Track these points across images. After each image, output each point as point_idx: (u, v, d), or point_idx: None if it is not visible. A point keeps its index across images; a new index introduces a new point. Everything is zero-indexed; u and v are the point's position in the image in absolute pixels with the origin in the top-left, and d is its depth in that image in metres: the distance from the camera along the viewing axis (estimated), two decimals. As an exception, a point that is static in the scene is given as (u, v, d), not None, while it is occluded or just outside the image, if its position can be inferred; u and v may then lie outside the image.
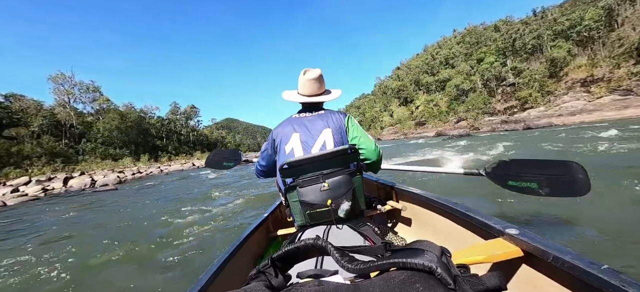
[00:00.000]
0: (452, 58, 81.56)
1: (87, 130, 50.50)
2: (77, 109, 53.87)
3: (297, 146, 1.37)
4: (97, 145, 48.08)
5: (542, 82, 42.72)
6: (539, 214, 3.21)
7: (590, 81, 36.92)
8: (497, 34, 72.70)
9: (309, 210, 1.19)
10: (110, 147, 49.84)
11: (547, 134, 19.40)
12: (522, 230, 0.88)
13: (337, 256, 0.44)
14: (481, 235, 1.09)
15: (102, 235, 4.73)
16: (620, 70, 35.86)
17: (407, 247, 0.42)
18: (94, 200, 10.11)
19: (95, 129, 51.55)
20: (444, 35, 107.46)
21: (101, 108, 59.05)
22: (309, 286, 0.36)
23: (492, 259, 0.86)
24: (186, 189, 10.50)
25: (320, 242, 0.48)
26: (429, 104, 71.63)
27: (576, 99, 35.77)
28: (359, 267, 0.41)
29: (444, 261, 0.37)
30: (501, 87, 53.53)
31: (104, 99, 60.03)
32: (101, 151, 46.80)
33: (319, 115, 1.44)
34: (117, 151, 49.64)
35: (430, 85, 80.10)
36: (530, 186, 1.43)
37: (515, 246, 0.86)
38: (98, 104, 58.99)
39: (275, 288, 0.44)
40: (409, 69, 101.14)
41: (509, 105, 45.25)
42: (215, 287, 1.07)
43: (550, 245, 0.76)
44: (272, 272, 0.47)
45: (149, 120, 71.51)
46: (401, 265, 0.37)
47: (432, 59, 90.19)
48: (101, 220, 6.22)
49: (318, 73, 1.50)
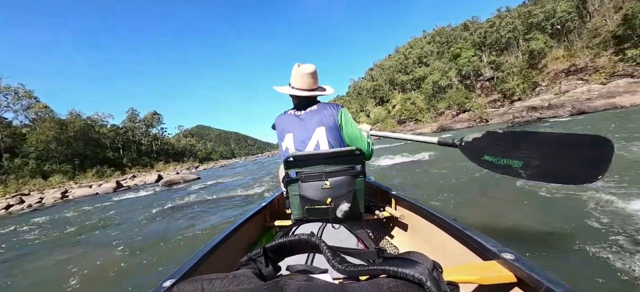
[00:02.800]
0: (425, 57, 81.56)
1: (19, 144, 42.15)
2: (4, 119, 45.09)
3: (290, 146, 1.38)
4: (27, 161, 39.81)
5: (528, 73, 41.83)
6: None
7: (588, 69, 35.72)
8: (467, 32, 73.20)
9: (308, 205, 1.21)
10: (48, 162, 41.88)
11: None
12: (518, 256, 0.85)
13: (328, 255, 0.45)
14: (476, 254, 1.03)
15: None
16: (600, 59, 35.59)
17: (399, 256, 0.42)
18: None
19: (28, 142, 43.16)
20: (415, 36, 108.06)
21: (38, 117, 50.22)
22: (297, 279, 0.37)
23: (484, 281, 0.84)
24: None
25: (313, 239, 0.48)
26: (406, 103, 70.43)
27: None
28: (349, 269, 0.42)
29: (435, 276, 0.37)
30: (479, 82, 52.92)
31: (41, 106, 51.13)
32: (31, 167, 38.65)
33: (312, 112, 1.41)
34: (54, 167, 41.73)
35: (405, 84, 79.33)
36: (510, 163, 1.26)
37: (509, 271, 0.83)
38: (34, 112, 50.16)
39: (264, 277, 0.44)
40: (383, 69, 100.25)
41: (492, 99, 44.13)
42: (204, 269, 1.07)
43: (545, 276, 0.74)
44: (262, 261, 0.48)
45: (99, 129, 62.70)
46: (392, 273, 0.37)
47: (405, 58, 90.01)
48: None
49: (313, 68, 1.48)
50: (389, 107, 79.69)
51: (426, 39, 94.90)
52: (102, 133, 62.90)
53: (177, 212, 6.22)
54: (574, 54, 40.02)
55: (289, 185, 1.29)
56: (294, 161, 1.25)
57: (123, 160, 58.35)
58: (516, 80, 41.75)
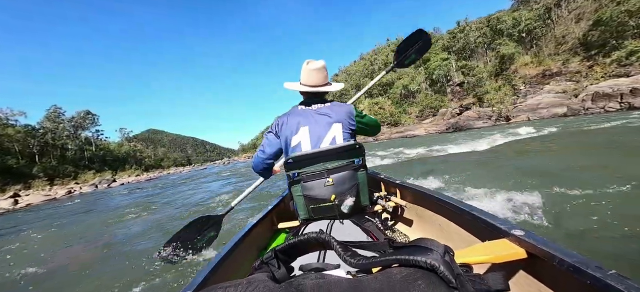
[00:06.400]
0: (391, 63, 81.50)
1: None
2: None
3: (305, 139, 1.33)
4: None
5: (508, 76, 40.90)
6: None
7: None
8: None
9: (313, 204, 1.21)
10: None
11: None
12: (528, 231, 0.85)
13: (339, 250, 0.44)
14: (485, 235, 1.02)
15: None
16: (571, 65, 35.54)
17: (410, 245, 0.42)
18: None
19: None
20: (379, 43, 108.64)
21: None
22: (310, 278, 0.36)
23: (496, 260, 0.84)
24: None
25: (323, 236, 0.48)
26: (374, 107, 68.55)
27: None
28: (361, 262, 0.41)
29: (447, 260, 0.37)
30: (450, 87, 52.00)
31: None
32: None
33: (328, 108, 1.41)
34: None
35: (372, 89, 77.95)
36: (414, 57, 2.53)
37: (520, 247, 0.84)
38: None
39: (278, 280, 0.44)
40: (348, 74, 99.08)
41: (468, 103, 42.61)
42: (219, 277, 1.08)
43: (556, 248, 0.74)
44: (275, 264, 0.48)
45: (2, 130, 49.32)
46: (403, 262, 0.37)
47: (370, 64, 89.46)
48: None
49: (322, 64, 1.47)
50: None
51: (391, 47, 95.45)
52: (8, 135, 49.59)
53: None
54: (542, 61, 40.04)
55: (292, 186, 1.28)
56: (293, 163, 1.24)
57: (32, 169, 46.05)
58: (493, 84, 40.60)
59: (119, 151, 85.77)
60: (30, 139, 54.89)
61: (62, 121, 67.05)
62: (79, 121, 71.40)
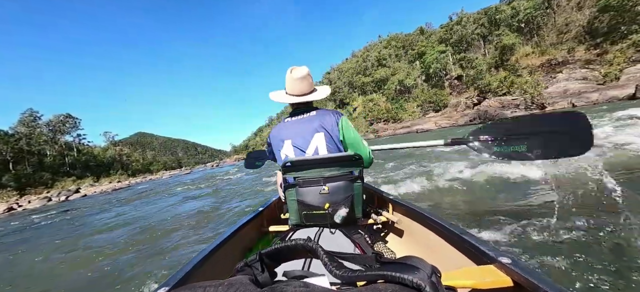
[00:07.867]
0: (384, 59, 79.49)
1: None
2: None
3: (289, 153, 1.37)
4: None
5: (512, 67, 38.95)
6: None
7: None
8: (423, 36, 72.44)
9: (306, 211, 1.20)
10: None
11: None
12: (515, 259, 0.85)
13: (325, 260, 0.44)
14: (473, 259, 1.03)
15: None
16: (577, 53, 33.91)
17: (397, 261, 0.41)
18: None
19: None
20: (371, 40, 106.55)
21: None
22: (293, 285, 0.35)
23: (481, 286, 0.84)
24: None
25: (310, 244, 0.47)
26: (368, 104, 66.37)
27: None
28: (346, 274, 0.41)
29: (433, 280, 0.36)
30: (448, 81, 50.12)
31: None
32: None
33: (311, 117, 1.39)
34: None
35: (366, 86, 75.69)
36: (518, 149, 1.38)
37: (506, 275, 0.83)
38: None
39: (260, 284, 0.43)
40: (341, 72, 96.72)
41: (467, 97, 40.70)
42: (200, 275, 1.07)
43: (542, 279, 0.73)
44: (258, 267, 0.47)
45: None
46: (389, 278, 0.36)
47: (363, 61, 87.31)
48: None
49: (306, 71, 1.43)
50: (350, 109, 75.24)
51: (382, 43, 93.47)
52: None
53: None
54: (545, 50, 38.33)
55: (287, 190, 1.27)
56: (292, 166, 1.23)
57: (1, 178, 42.35)
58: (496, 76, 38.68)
59: (103, 155, 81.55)
60: (2, 145, 50.94)
61: (39, 126, 62.90)
62: (58, 125, 67.30)
